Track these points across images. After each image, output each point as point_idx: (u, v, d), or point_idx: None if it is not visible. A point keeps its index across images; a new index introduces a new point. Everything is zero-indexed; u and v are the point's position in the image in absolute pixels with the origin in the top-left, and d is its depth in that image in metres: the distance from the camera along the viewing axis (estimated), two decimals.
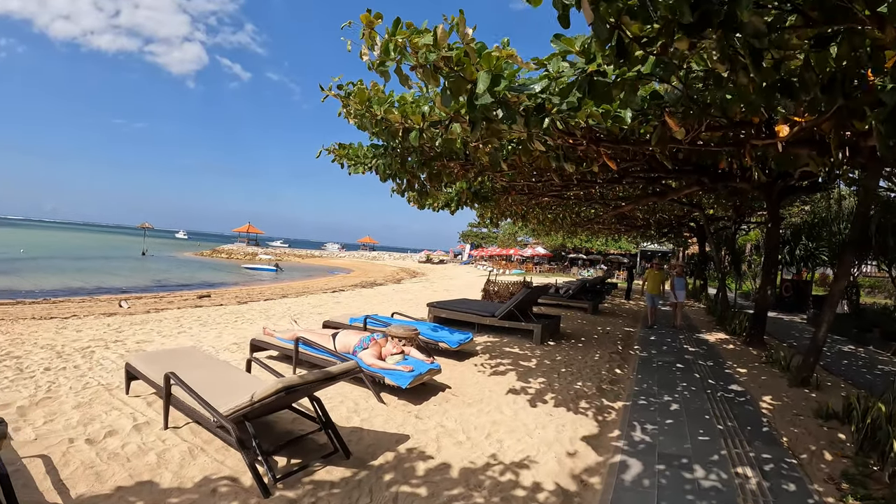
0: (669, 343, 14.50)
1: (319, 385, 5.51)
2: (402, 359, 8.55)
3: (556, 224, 25.15)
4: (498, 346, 12.46)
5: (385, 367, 8.09)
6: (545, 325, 13.25)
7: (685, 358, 12.39)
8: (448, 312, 14.17)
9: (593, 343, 13.92)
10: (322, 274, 54.51)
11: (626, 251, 71.03)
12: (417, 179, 10.82)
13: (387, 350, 8.66)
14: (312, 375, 5.35)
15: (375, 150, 9.71)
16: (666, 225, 29.47)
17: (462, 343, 10.81)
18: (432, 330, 11.32)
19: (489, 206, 18.13)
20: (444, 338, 10.83)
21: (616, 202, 18.45)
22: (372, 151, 9.80)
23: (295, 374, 6.35)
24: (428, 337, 10.92)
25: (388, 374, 7.93)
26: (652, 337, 15.45)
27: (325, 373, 5.45)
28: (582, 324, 17.72)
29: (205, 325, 14.07)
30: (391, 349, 8.65)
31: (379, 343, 8.77)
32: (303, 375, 5.29)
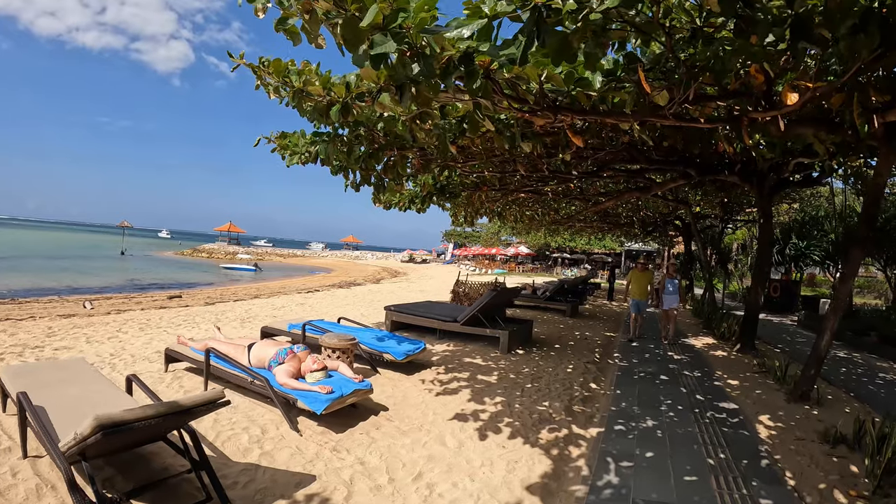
0: (653, 350, 13.10)
1: (164, 422, 4.08)
2: (323, 376, 7.03)
3: (535, 222, 23.86)
4: (458, 356, 11.03)
5: (298, 388, 6.62)
6: (514, 331, 11.80)
7: (670, 368, 11.00)
8: (407, 317, 12.73)
9: (568, 351, 12.48)
10: (302, 274, 53.84)
11: (610, 250, 69.81)
12: (373, 172, 9.50)
13: (306, 366, 7.14)
14: (153, 409, 4.01)
15: (317, 138, 8.50)
16: (651, 223, 28.24)
17: (410, 354, 9.35)
18: (378, 339, 9.89)
19: (460, 204, 16.84)
20: (389, 348, 9.37)
21: (596, 198, 17.10)
22: (310, 139, 8.67)
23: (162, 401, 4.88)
24: (371, 347, 9.49)
25: (301, 395, 6.47)
26: (634, 343, 14.03)
27: (171, 405, 4.06)
28: (558, 328, 16.24)
29: (143, 330, 12.91)
30: (311, 364, 7.12)
31: (298, 357, 7.28)
32: (135, 410, 3.92)
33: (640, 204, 22.22)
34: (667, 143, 10.16)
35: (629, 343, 14.03)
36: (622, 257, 68.97)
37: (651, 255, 67.70)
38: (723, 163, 12.48)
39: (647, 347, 13.44)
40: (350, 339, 8.37)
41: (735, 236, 36.21)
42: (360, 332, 10.38)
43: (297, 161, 8.83)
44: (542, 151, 9.73)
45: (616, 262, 65.55)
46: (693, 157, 12.03)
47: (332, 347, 8.25)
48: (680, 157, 11.98)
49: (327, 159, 8.48)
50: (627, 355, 12.30)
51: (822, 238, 22.97)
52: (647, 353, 12.63)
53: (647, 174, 13.90)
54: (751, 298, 13.37)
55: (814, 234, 23.46)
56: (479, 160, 10.05)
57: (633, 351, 12.91)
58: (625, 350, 12.98)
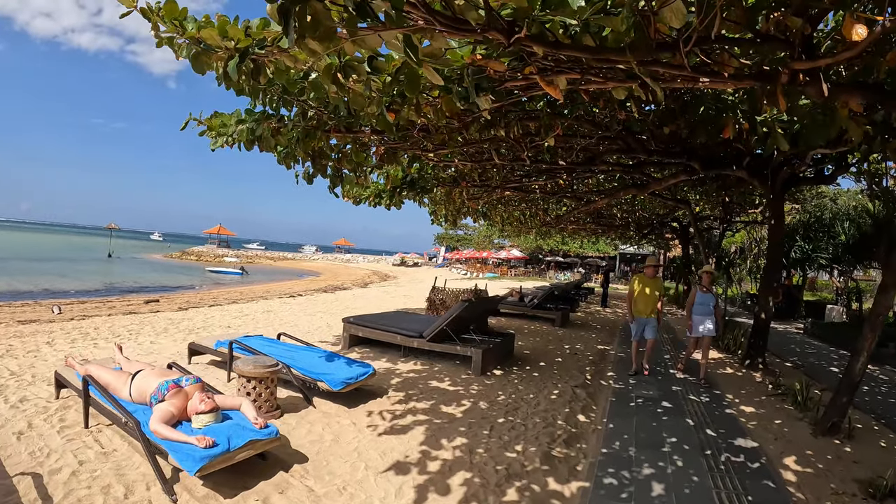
0: (652, 366, 11.44)
1: None
2: (212, 420, 5.32)
3: (524, 224, 22.22)
4: (422, 379, 9.30)
5: (172, 437, 4.86)
6: (489, 348, 10.05)
7: (673, 391, 9.34)
8: (366, 331, 11.00)
9: (554, 370, 10.72)
10: (289, 277, 53.04)
11: (604, 254, 68.03)
12: (327, 161, 8.27)
13: (192, 405, 5.39)
14: None
15: (250, 116, 7.11)
16: (647, 225, 26.59)
17: (351, 382, 7.56)
18: (318, 361, 8.18)
19: (439, 202, 15.26)
20: (327, 373, 7.63)
21: (589, 196, 15.45)
22: (237, 116, 7.27)
23: None
24: (305, 372, 7.77)
25: (173, 448, 4.72)
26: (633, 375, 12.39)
27: None
28: (545, 341, 14.41)
29: (74, 342, 11.56)
30: (197, 404, 5.36)
31: (185, 392, 5.58)
32: None
33: (635, 204, 20.57)
34: (668, 128, 8.51)
35: (633, 375, 10.63)
36: (616, 261, 67.30)
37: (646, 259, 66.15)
38: (730, 155, 10.86)
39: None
40: (270, 366, 6.76)
41: (734, 239, 34.63)
42: (298, 352, 8.72)
43: (224, 143, 7.34)
44: (520, 135, 8.08)
45: (610, 265, 63.84)
46: (697, 149, 10.43)
47: (246, 376, 6.66)
48: (682, 148, 10.36)
49: (264, 143, 7.07)
50: (623, 374, 10.61)
51: (828, 240, 21.48)
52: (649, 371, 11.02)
53: (645, 169, 12.25)
54: (761, 307, 11.69)
55: (820, 237, 21.97)
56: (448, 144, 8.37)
57: (630, 368, 11.27)
58: (621, 367, 11.28)
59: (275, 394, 6.97)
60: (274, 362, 6.93)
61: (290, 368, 7.80)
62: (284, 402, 7.55)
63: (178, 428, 5.16)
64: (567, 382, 9.62)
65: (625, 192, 13.30)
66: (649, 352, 10.74)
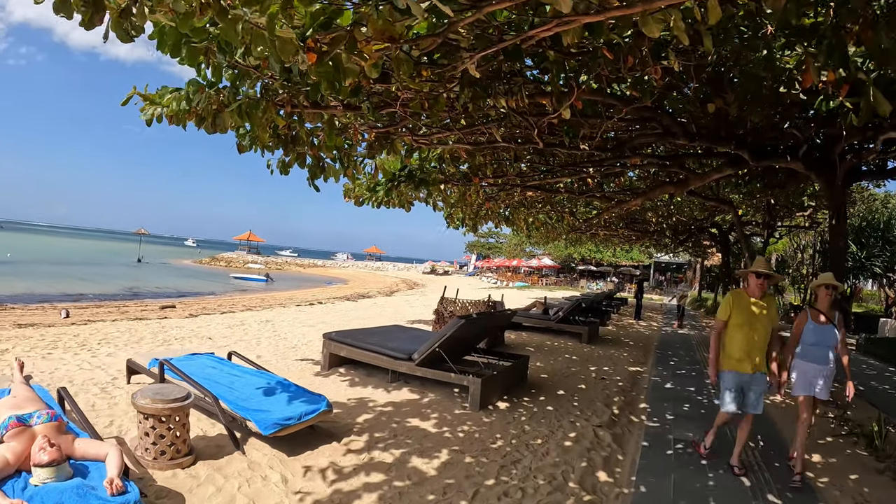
0: (693, 395, 9.46)
1: None
2: (53, 475, 3.92)
3: (552, 228, 20.27)
4: (403, 415, 7.36)
5: None
6: (493, 376, 8.05)
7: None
8: (349, 350, 9.10)
9: (574, 402, 8.66)
10: (315, 285, 52.22)
11: (638, 262, 65.47)
12: (303, 146, 7.15)
13: (34, 452, 4.03)
14: None
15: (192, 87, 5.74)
16: (683, 231, 24.38)
17: (289, 425, 5.68)
18: (257, 392, 6.41)
19: (454, 205, 13.54)
20: (258, 411, 5.83)
21: (621, 195, 13.52)
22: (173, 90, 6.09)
23: None
24: (234, 407, 5.96)
25: None
26: (668, 384, 10.35)
27: None
28: (568, 361, 12.29)
29: (33, 349, 10.79)
30: (36, 451, 4.00)
31: (32, 432, 4.23)
32: None
33: (672, 206, 18.51)
34: (714, 104, 6.58)
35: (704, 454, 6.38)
36: (651, 270, 64.84)
37: (681, 268, 63.60)
38: (785, 142, 8.91)
39: (685, 391, 9.79)
40: (175, 399, 5.16)
41: (775, 247, 32.30)
42: (241, 378, 6.93)
43: (154, 115, 6.13)
44: (527, 105, 6.20)
45: (644, 275, 61.38)
46: (746, 134, 8.48)
47: (143, 412, 5.13)
48: (729, 133, 8.40)
49: (215, 120, 5.75)
50: (659, 405, 8.61)
51: (883, 246, 19.38)
52: (687, 401, 9.00)
53: (684, 163, 10.30)
54: None
55: (875, 242, 19.87)
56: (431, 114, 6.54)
57: (666, 395, 9.27)
58: (657, 396, 9.28)
59: (184, 435, 5.28)
60: (184, 395, 5.28)
61: (219, 401, 6.02)
62: (210, 442, 5.84)
63: (12, 482, 3.97)
64: (588, 419, 7.61)
65: (661, 190, 11.35)
66: (745, 437, 6.00)
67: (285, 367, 9.94)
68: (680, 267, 63.91)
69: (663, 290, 56.12)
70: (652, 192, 11.76)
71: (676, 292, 26.08)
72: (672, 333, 19.14)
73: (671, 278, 65.17)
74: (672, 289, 55.92)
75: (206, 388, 6.23)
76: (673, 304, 21.99)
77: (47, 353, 10.41)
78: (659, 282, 62.35)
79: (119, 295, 31.11)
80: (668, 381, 10.57)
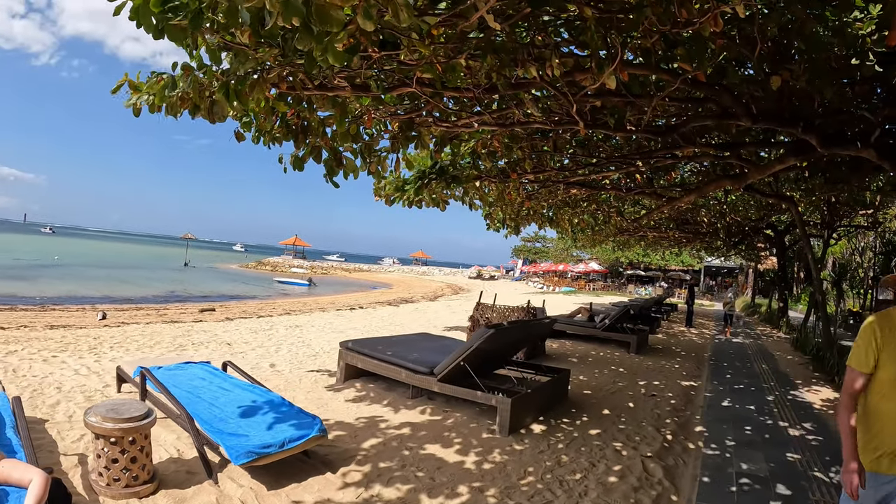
0: (753, 415, 8.28)
1: None
2: None
3: (598, 230, 19.04)
4: (418, 440, 6.34)
5: None
6: (525, 395, 6.94)
7: (789, 461, 6.22)
8: (365, 361, 8.12)
9: (620, 423, 7.54)
10: (358, 289, 51.53)
11: (688, 266, 63.24)
12: (316, 137, 6.41)
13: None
14: None
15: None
16: (737, 232, 22.88)
17: (268, 454, 4.78)
18: (239, 410, 5.54)
19: (494, 204, 12.52)
20: (234, 434, 4.99)
21: (672, 192, 12.33)
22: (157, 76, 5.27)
23: None
24: (208, 429, 5.09)
25: None
26: (725, 401, 9.15)
27: None
28: (614, 374, 11.11)
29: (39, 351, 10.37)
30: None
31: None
32: None
33: (725, 207, 17.16)
34: (779, 77, 5.42)
35: None
36: (701, 274, 62.70)
37: (733, 273, 61.44)
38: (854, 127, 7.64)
39: (745, 410, 8.60)
40: (129, 419, 4.40)
41: (832, 249, 30.55)
42: (228, 394, 6.10)
43: (138, 102, 5.22)
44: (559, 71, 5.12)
45: (695, 279, 59.36)
46: (814, 116, 7.24)
47: (94, 432, 4.45)
48: (793, 115, 7.16)
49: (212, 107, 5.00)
50: (717, 429, 7.43)
51: None
52: (748, 423, 7.82)
53: (743, 152, 9.09)
54: None
55: None
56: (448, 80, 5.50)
57: (726, 416, 8.10)
58: (713, 416, 8.12)
59: (142, 459, 4.49)
60: (142, 413, 4.49)
61: (193, 420, 5.15)
62: (183, 467, 5.06)
63: None
64: (636, 447, 6.47)
65: (716, 184, 10.13)
66: None
67: (296, 378, 9.07)
68: (731, 271, 61.71)
69: (714, 296, 54.26)
70: (706, 188, 10.54)
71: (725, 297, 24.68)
72: (725, 342, 17.75)
73: (722, 283, 63.01)
74: (723, 294, 54.13)
75: (182, 404, 5.47)
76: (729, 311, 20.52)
77: (52, 357, 9.89)
78: (709, 287, 60.31)
79: (160, 298, 31.12)
80: (725, 398, 9.37)
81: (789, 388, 10.58)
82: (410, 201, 10.64)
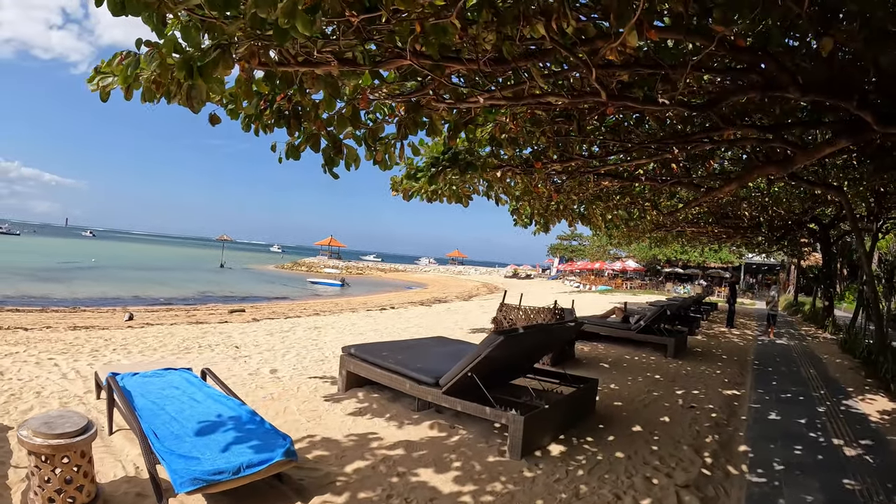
0: (804, 430, 7.28)
1: None
2: None
3: (633, 226, 18.05)
4: (414, 461, 5.43)
5: None
6: (540, 412, 5.96)
7: (844, 488, 5.26)
8: (368, 369, 7.24)
9: (654, 442, 6.51)
10: (392, 289, 51.22)
11: (727, 264, 61.24)
12: (310, 122, 5.66)
13: None
14: None
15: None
16: (780, 226, 21.60)
17: (218, 481, 4.01)
18: (199, 427, 4.80)
19: (521, 198, 11.71)
20: (183, 457, 4.21)
21: (711, 182, 11.34)
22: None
23: None
24: (156, 446, 4.35)
25: None
26: (772, 414, 8.13)
27: None
28: (649, 381, 9.98)
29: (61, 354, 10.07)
30: None
31: None
32: None
33: (767, 199, 16.01)
34: (829, 42, 4.44)
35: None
36: (741, 272, 60.76)
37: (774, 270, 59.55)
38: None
39: (795, 424, 7.60)
40: (60, 435, 3.84)
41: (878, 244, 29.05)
42: (193, 407, 5.35)
43: (99, 85, 4.58)
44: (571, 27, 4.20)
45: (735, 277, 57.61)
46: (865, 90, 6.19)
47: (26, 448, 3.86)
48: (845, 86, 6.11)
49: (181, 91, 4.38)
50: (763, 449, 6.44)
51: None
52: (798, 439, 6.84)
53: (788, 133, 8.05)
54: None
55: None
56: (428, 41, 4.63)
57: (774, 433, 7.10)
58: (758, 432, 7.11)
59: (78, 480, 3.95)
60: (77, 428, 3.95)
61: (146, 438, 4.43)
62: (135, 488, 4.50)
63: None
64: (670, 474, 5.49)
65: (760, 171, 9.10)
66: None
67: (295, 386, 8.25)
68: (772, 268, 59.78)
69: (755, 294, 52.60)
70: (748, 176, 9.50)
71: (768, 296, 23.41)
72: (769, 343, 16.57)
73: (763, 281, 61.07)
74: (764, 292, 52.32)
75: (143, 416, 4.89)
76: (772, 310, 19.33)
77: (47, 359, 9.44)
78: (750, 284, 58.49)
79: (191, 299, 31.05)
80: (771, 409, 8.35)
81: (841, 396, 9.51)
82: (428, 195, 9.86)
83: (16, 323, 14.71)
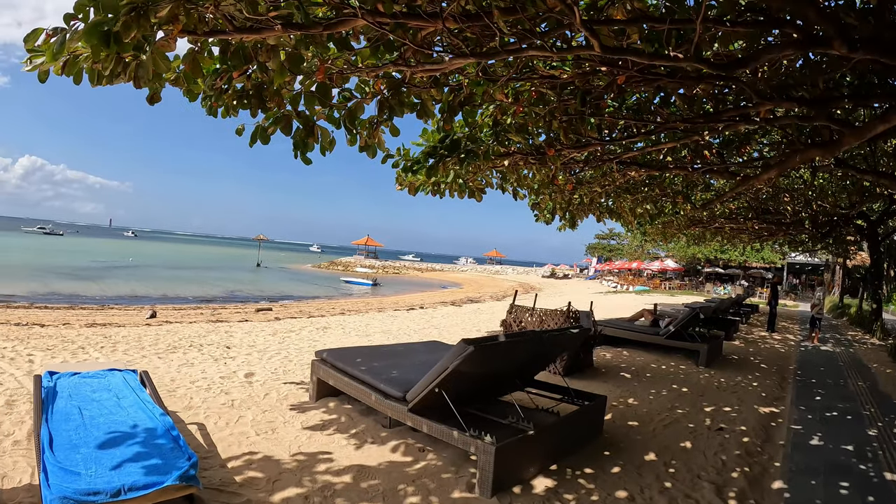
0: (852, 459, 6.04)
1: None
2: None
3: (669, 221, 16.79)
4: (365, 491, 4.37)
5: None
6: (519, 441, 4.78)
7: None
8: (335, 377, 6.23)
9: (666, 479, 5.25)
10: (427, 289, 50.70)
11: (770, 263, 58.92)
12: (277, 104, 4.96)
13: None
14: None
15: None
16: (826, 222, 19.96)
17: (93, 502, 3.37)
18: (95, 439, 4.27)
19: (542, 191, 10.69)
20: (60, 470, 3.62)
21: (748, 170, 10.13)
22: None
23: None
24: (44, 457, 3.87)
25: None
26: (814, 438, 6.87)
27: None
28: (673, 396, 8.69)
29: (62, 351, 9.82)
30: None
31: None
32: None
33: (810, 192, 14.56)
34: None
35: None
36: (784, 272, 58.44)
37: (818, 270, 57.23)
38: None
39: (842, 458, 6.37)
40: None
41: None
42: (106, 415, 4.82)
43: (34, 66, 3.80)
44: None
45: (778, 278, 55.47)
46: None
47: None
48: None
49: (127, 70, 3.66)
50: (803, 487, 5.22)
51: None
52: (848, 474, 5.62)
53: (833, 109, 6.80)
54: None
55: None
56: None
57: (817, 465, 5.86)
58: (798, 464, 5.87)
59: None
60: None
61: (41, 446, 4.06)
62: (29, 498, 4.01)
63: None
64: None
65: (803, 155, 7.82)
66: None
67: (264, 392, 7.36)
68: (816, 268, 57.45)
69: (798, 295, 50.51)
70: (790, 161, 8.21)
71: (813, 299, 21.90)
72: (812, 350, 15.11)
73: (807, 281, 58.79)
74: (808, 293, 50.21)
75: (44, 422, 4.48)
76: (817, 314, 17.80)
77: (27, 355, 9.01)
78: (793, 285, 56.31)
79: (219, 298, 31.01)
80: (814, 432, 7.09)
81: (893, 416, 8.20)
82: (434, 188, 8.82)
83: (36, 319, 14.81)
